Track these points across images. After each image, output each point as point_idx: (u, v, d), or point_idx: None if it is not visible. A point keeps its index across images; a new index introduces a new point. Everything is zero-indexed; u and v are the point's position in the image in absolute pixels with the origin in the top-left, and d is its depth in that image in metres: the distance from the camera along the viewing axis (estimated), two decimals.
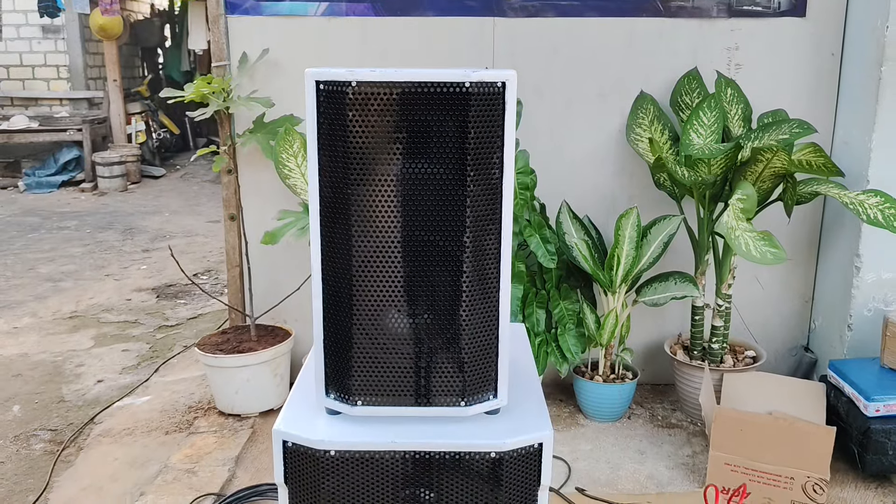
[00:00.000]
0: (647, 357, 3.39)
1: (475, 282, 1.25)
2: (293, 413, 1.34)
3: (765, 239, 2.55)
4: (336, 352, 1.29)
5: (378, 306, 1.25)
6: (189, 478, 2.69)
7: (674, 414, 3.19)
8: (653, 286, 2.96)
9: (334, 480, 1.26)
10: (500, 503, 1.27)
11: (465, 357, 1.27)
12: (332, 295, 1.27)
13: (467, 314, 1.25)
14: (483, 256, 1.25)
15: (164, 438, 3.06)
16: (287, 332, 3.24)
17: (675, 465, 2.79)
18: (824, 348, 3.22)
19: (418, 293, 1.24)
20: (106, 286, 5.19)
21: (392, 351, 1.27)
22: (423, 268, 1.23)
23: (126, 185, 8.69)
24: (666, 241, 2.91)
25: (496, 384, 1.31)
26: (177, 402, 3.40)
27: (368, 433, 1.27)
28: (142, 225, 6.99)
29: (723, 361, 3.06)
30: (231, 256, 3.26)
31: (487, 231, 1.24)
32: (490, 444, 1.25)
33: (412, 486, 1.27)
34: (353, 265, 1.23)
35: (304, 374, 1.48)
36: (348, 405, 1.29)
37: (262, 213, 3.18)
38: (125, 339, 4.24)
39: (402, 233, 1.22)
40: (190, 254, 5.92)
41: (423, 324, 1.25)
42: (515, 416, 1.33)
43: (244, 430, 3.03)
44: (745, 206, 2.56)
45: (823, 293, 3.25)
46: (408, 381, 1.28)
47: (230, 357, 3.02)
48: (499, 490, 1.26)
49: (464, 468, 1.25)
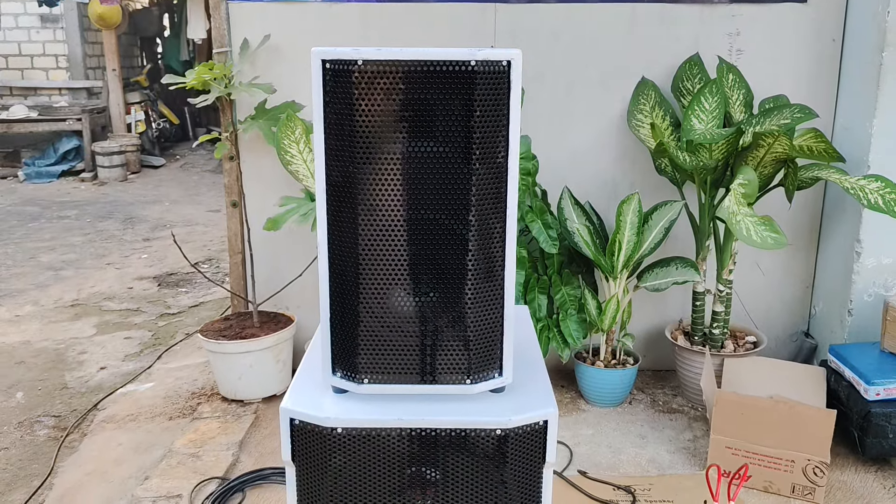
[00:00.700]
0: (647, 343, 3.40)
1: (480, 260, 1.25)
2: (300, 391, 1.35)
3: (766, 224, 2.56)
4: (342, 330, 1.30)
5: (384, 285, 1.26)
6: (193, 462, 2.70)
7: (674, 399, 3.21)
8: (654, 271, 2.97)
9: (341, 458, 1.27)
10: (506, 480, 1.28)
11: (470, 335, 1.28)
12: (339, 273, 1.28)
13: (473, 293, 1.26)
14: (488, 235, 1.25)
15: (168, 424, 3.08)
16: (289, 319, 3.25)
17: (676, 450, 2.81)
18: (825, 333, 3.23)
19: (424, 272, 1.25)
20: (107, 275, 5.19)
21: (398, 329, 1.28)
22: (429, 247, 1.24)
23: (126, 174, 8.69)
24: (667, 227, 2.92)
25: (501, 362, 1.32)
26: (180, 388, 3.41)
27: (375, 411, 1.28)
28: (142, 214, 6.99)
29: (724, 347, 3.07)
30: (233, 243, 3.26)
31: (493, 210, 1.25)
32: (495, 422, 1.26)
33: (418, 463, 1.28)
34: (359, 244, 1.24)
35: (311, 354, 1.49)
36: (355, 383, 1.30)
37: (264, 200, 3.19)
38: (127, 327, 4.25)
39: (408, 212, 1.23)
40: (190, 243, 5.92)
41: (428, 302, 1.26)
42: (520, 394, 1.34)
43: (247, 415, 3.04)
44: (746, 190, 2.57)
45: (824, 278, 3.26)
46: (414, 360, 1.29)
47: (233, 343, 3.03)
48: (504, 467, 1.27)
49: (469, 445, 1.26)
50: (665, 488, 2.23)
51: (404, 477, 1.29)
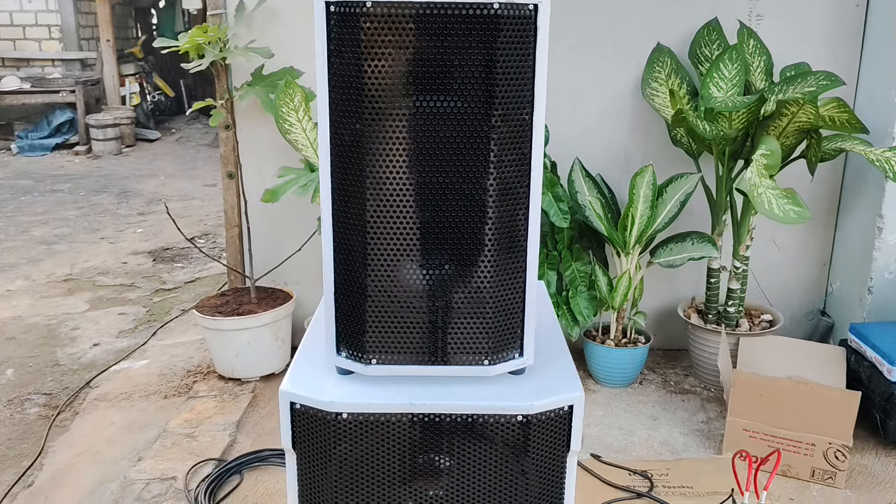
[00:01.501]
0: (658, 321, 3.30)
1: (501, 230, 1.13)
2: (301, 373, 1.24)
3: (788, 197, 2.44)
4: (348, 306, 1.18)
5: (394, 256, 1.14)
6: (189, 442, 2.60)
7: (686, 379, 3.10)
8: (668, 247, 2.85)
9: (346, 445, 1.16)
10: (527, 470, 1.17)
11: (488, 312, 1.16)
12: (344, 244, 1.16)
13: (492, 265, 1.14)
14: (510, 202, 1.13)
15: (163, 403, 2.97)
16: (288, 295, 3.14)
17: (690, 432, 2.71)
18: (842, 312, 3.12)
19: (439, 242, 1.13)
20: (101, 249, 5.07)
21: (409, 305, 1.16)
22: (445, 214, 1.12)
23: (120, 148, 8.53)
24: (682, 201, 2.79)
25: (522, 342, 1.21)
26: (175, 366, 3.30)
27: (383, 394, 1.16)
28: (137, 188, 6.85)
29: (738, 325, 2.96)
30: (230, 216, 3.14)
31: (515, 174, 1.12)
32: (516, 407, 1.14)
33: (430, 452, 1.17)
34: (366, 211, 1.12)
35: (312, 332, 1.37)
36: (362, 364, 1.19)
37: (261, 171, 3.06)
38: (121, 303, 4.14)
39: (420, 175, 1.10)
40: (186, 217, 5.79)
41: (443, 276, 1.14)
42: (543, 377, 1.23)
43: (245, 394, 2.94)
44: (768, 162, 2.44)
45: (842, 255, 3.14)
46: (426, 339, 1.17)
47: (230, 320, 2.92)
48: (525, 456, 1.16)
49: (487, 433, 1.15)
50: (683, 473, 2.13)
51: (415, 466, 1.18)
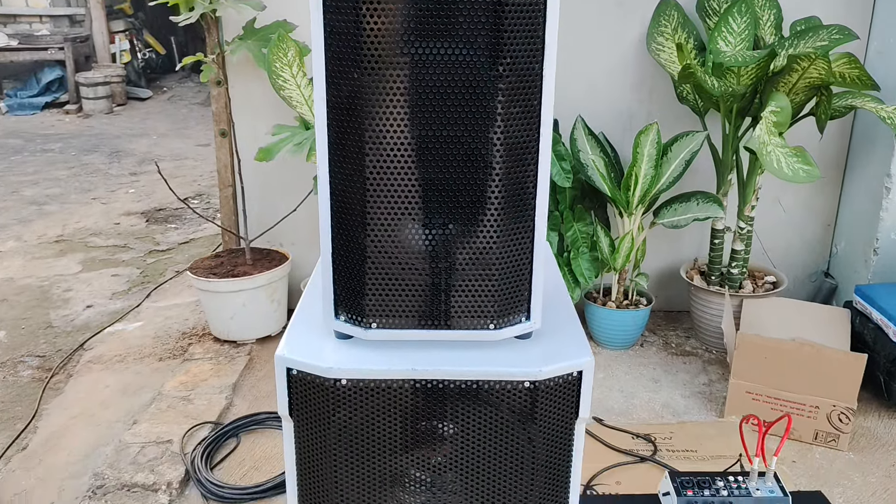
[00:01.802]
0: (659, 282, 3.25)
1: (508, 186, 1.07)
2: (297, 337, 1.18)
3: (798, 155, 2.37)
4: (347, 268, 1.12)
5: (395, 215, 1.07)
6: (184, 405, 2.57)
7: (688, 341, 3.07)
8: (672, 207, 2.78)
9: (346, 413, 1.11)
10: (533, 438, 1.12)
11: (494, 274, 1.10)
12: (342, 203, 1.09)
13: (498, 224, 1.08)
14: (518, 157, 1.07)
15: (158, 365, 2.93)
16: (283, 256, 3.08)
17: (691, 394, 2.68)
18: (846, 273, 3.08)
19: (442, 200, 1.07)
20: (93, 210, 5.00)
21: (411, 267, 1.10)
22: (449, 170, 1.05)
23: (111, 106, 8.39)
24: (688, 160, 2.72)
25: (529, 305, 1.15)
26: (170, 328, 3.26)
27: (385, 360, 1.11)
28: (129, 148, 6.74)
29: (742, 287, 2.92)
30: (223, 175, 3.06)
31: (523, 127, 1.06)
32: (523, 373, 1.09)
33: (433, 419, 1.12)
34: (365, 167, 1.05)
35: (309, 294, 1.31)
36: (361, 328, 1.13)
37: (255, 129, 2.98)
38: (114, 264, 4.08)
39: (423, 129, 1.04)
40: (179, 178, 5.70)
41: (447, 235, 1.08)
42: (550, 342, 1.17)
43: (241, 356, 2.90)
44: (778, 119, 2.37)
45: (848, 216, 3.09)
46: (429, 301, 1.12)
47: (224, 281, 2.87)
48: (532, 423, 1.12)
49: (493, 399, 1.10)
50: (686, 436, 2.10)
51: (417, 434, 1.13)
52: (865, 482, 2.23)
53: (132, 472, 2.22)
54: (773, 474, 1.45)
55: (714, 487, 1.44)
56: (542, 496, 1.19)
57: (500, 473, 1.15)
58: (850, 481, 2.23)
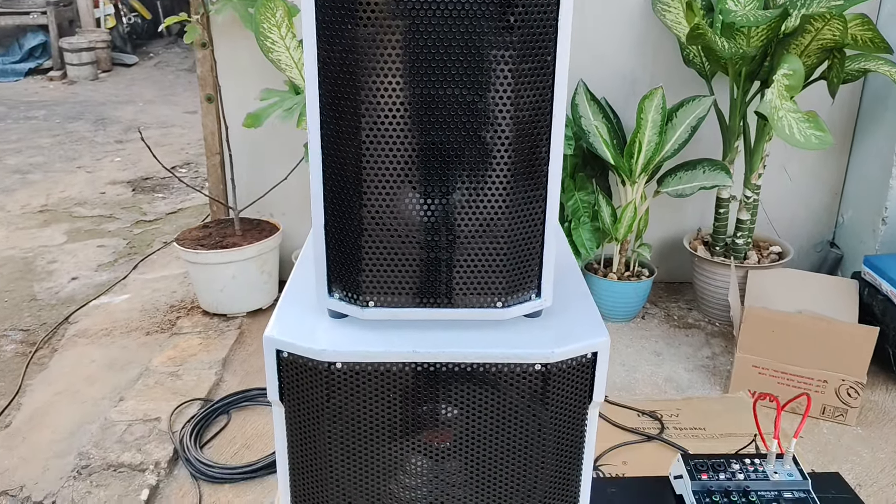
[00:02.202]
0: (661, 253, 3.17)
1: (518, 150, 0.97)
2: (288, 316, 1.09)
3: (810, 121, 2.28)
4: (341, 241, 1.03)
5: (394, 183, 0.98)
6: (173, 381, 2.48)
7: (690, 313, 3.00)
8: (677, 175, 2.69)
9: (341, 398, 1.02)
10: (544, 424, 1.04)
11: (502, 247, 1.01)
12: (335, 170, 0.99)
13: (507, 193, 0.98)
14: (529, 118, 0.97)
15: (145, 339, 2.84)
16: (274, 227, 2.98)
17: (694, 368, 2.61)
18: (853, 243, 3.00)
19: (445, 165, 0.97)
20: (78, 179, 4.86)
21: (412, 239, 1.00)
22: (453, 133, 0.96)
23: (97, 73, 8.18)
24: (694, 126, 2.62)
25: (540, 281, 1.06)
26: (157, 300, 3.16)
27: (383, 341, 1.02)
28: (114, 115, 6.57)
29: (747, 258, 2.84)
30: (210, 143, 2.94)
31: (536, 84, 0.96)
32: (534, 354, 1.00)
33: (435, 404, 1.04)
34: (361, 130, 0.95)
35: (300, 269, 1.22)
36: (357, 306, 1.04)
37: (242, 93, 2.85)
38: (100, 235, 3.96)
39: (425, 87, 0.93)
40: (166, 146, 5.56)
41: (451, 204, 0.99)
42: (562, 321, 1.09)
43: (231, 330, 2.81)
44: (790, 82, 2.27)
45: (855, 184, 3.00)
46: (431, 277, 1.02)
47: (213, 253, 2.77)
48: (542, 409, 1.03)
49: (501, 384, 1.02)
50: (693, 413, 2.04)
51: (418, 421, 1.05)
52: (875, 458, 2.17)
53: (118, 452, 2.14)
54: (792, 457, 1.38)
55: (730, 471, 1.37)
56: (551, 484, 1.11)
57: (506, 461, 1.07)
58: (858, 457, 2.17)
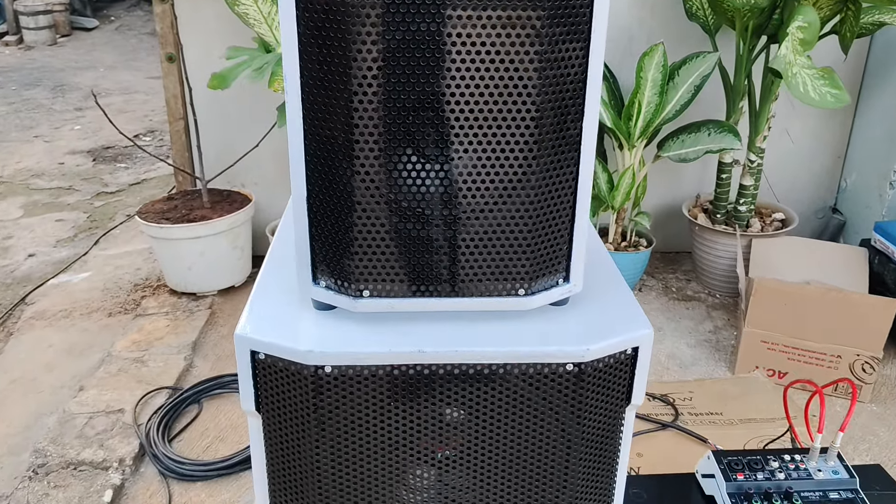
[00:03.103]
0: (656, 221, 3.01)
1: (547, 103, 0.78)
2: (264, 309, 0.90)
3: (825, 77, 2.11)
4: (328, 217, 0.83)
5: (394, 143, 0.79)
6: (137, 368, 2.28)
7: (689, 285, 2.85)
8: (679, 139, 2.52)
9: (331, 409, 0.84)
10: (571, 433, 0.87)
11: (526, 220, 0.83)
12: (321, 128, 0.80)
13: (532, 154, 0.80)
14: (560, 65, 0.78)
15: (107, 321, 2.63)
16: (246, 198, 2.76)
17: (697, 343, 2.47)
18: (857, 209, 2.86)
19: (458, 120, 0.78)
20: (35, 149, 4.58)
21: (415, 213, 0.82)
22: (466, 82, 0.77)
23: (55, 37, 7.80)
24: (697, 85, 2.45)
25: (569, 263, 0.88)
26: (120, 278, 2.94)
27: (381, 339, 0.84)
28: (74, 81, 6.25)
29: (749, 226, 2.69)
30: (172, 107, 2.71)
31: (568, 22, 0.77)
32: (565, 352, 0.83)
33: (444, 413, 0.86)
34: (351, 76, 0.76)
35: (278, 250, 1.03)
36: (349, 297, 0.86)
37: (207, 52, 2.61)
38: (59, 208, 3.72)
39: (437, 24, 0.74)
40: (129, 112, 5.28)
41: (463, 169, 0.80)
42: (595, 310, 0.91)
43: (201, 311, 2.61)
44: (805, 36, 2.09)
45: (860, 146, 2.86)
46: (440, 260, 0.84)
47: (179, 227, 2.55)
48: (572, 415, 0.86)
49: (525, 388, 0.84)
50: (707, 397, 1.89)
51: (423, 431, 0.87)
52: (893, 437, 2.05)
53: (78, 448, 1.94)
54: (837, 453, 1.23)
55: (768, 469, 1.21)
56: (579, 497, 0.95)
57: (527, 475, 0.90)
58: (875, 436, 2.05)
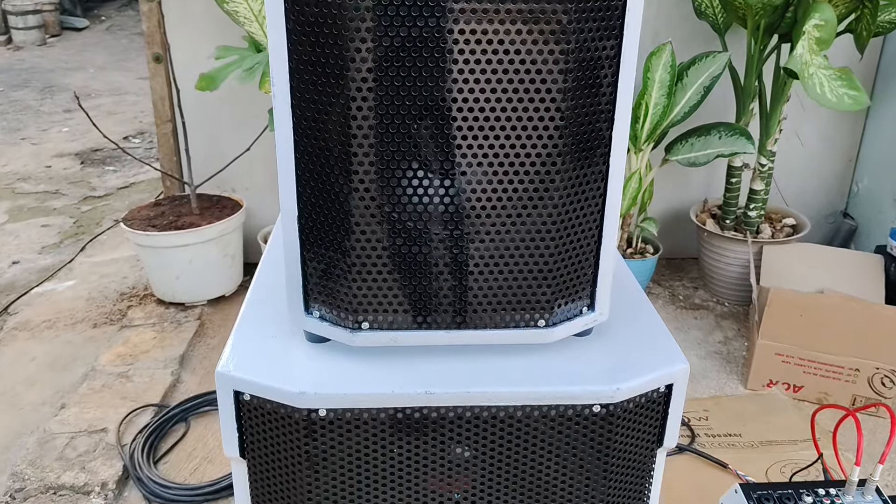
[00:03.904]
0: (662, 226, 2.91)
1: (574, 115, 0.68)
2: (250, 342, 0.80)
3: (842, 78, 2.02)
4: (322, 240, 0.73)
5: (397, 156, 0.69)
6: (122, 384, 2.18)
7: (696, 293, 2.76)
8: (688, 142, 2.42)
9: (325, 455, 0.74)
10: (596, 479, 0.77)
11: (547, 242, 0.73)
12: (314, 140, 0.70)
13: (556, 169, 0.70)
14: (590, 69, 0.68)
15: (92, 333, 2.53)
16: (237, 203, 2.66)
17: (707, 354, 2.37)
18: (869, 214, 2.77)
19: (469, 130, 0.68)
20: (22, 151, 4.47)
21: (420, 236, 0.72)
22: (480, 85, 0.67)
23: (45, 37, 7.68)
24: (707, 86, 2.35)
25: (594, 287, 0.78)
26: (106, 287, 2.83)
27: (383, 378, 0.74)
28: (63, 82, 6.13)
29: (759, 231, 2.59)
30: (160, 109, 2.60)
31: (602, 21, 0.67)
32: (592, 392, 0.73)
33: (454, 462, 0.76)
34: (349, 79, 0.66)
35: (266, 274, 0.93)
36: (346, 329, 0.75)
37: (195, 52, 2.51)
38: (45, 213, 3.61)
39: (438, 16, 0.64)
40: (119, 114, 5.16)
41: (474, 185, 0.70)
42: (623, 342, 0.81)
43: (189, 321, 2.50)
44: (822, 34, 2.00)
45: (873, 149, 2.76)
46: (447, 287, 0.74)
47: (166, 234, 2.44)
48: (599, 459, 0.76)
49: (547, 433, 0.74)
50: (724, 416, 1.79)
51: (429, 476, 0.77)
52: None
53: (58, 471, 1.84)
54: (875, 487, 1.14)
55: None
56: None
57: None
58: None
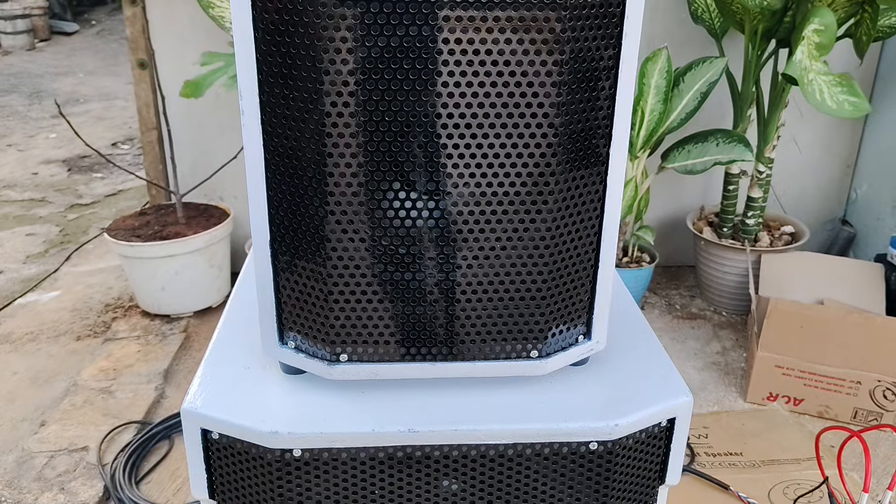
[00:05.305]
0: (659, 235, 2.86)
1: (567, 126, 0.63)
2: (220, 376, 0.74)
3: (843, 84, 1.97)
4: (297, 266, 0.68)
5: (377, 174, 0.63)
6: (104, 400, 2.11)
7: (693, 302, 2.71)
8: (685, 149, 2.37)
9: (300, 498, 0.68)
10: None
11: (540, 267, 0.67)
12: (286, 157, 0.65)
13: (549, 189, 0.65)
14: (586, 81, 0.63)
15: (75, 346, 2.46)
16: (224, 212, 2.60)
17: (705, 366, 2.32)
18: (868, 221, 2.73)
19: (454, 148, 0.63)
20: (7, 158, 4.40)
21: (403, 261, 0.66)
22: (464, 95, 0.61)
23: (33, 42, 7.61)
24: (704, 91, 2.30)
25: (590, 314, 0.73)
26: (91, 298, 2.77)
27: (363, 415, 0.68)
28: (52, 87, 6.06)
29: (757, 240, 2.55)
30: (145, 116, 2.54)
31: (599, 28, 0.62)
32: (589, 429, 0.68)
33: (444, 498, 0.70)
34: (323, 93, 0.60)
35: (238, 301, 0.87)
36: (324, 361, 0.70)
37: (181, 58, 2.45)
38: (30, 221, 3.55)
39: (422, 24, 0.59)
40: (108, 119, 5.10)
41: (460, 207, 0.65)
42: (621, 371, 0.76)
43: (174, 334, 2.44)
44: (822, 39, 1.95)
45: (872, 155, 2.72)
46: (433, 316, 0.69)
47: (151, 245, 2.38)
48: (596, 500, 0.71)
49: (541, 473, 0.69)
50: (724, 433, 1.74)
51: None
52: None
53: (36, 492, 1.77)
54: None
55: None
56: None
57: None
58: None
